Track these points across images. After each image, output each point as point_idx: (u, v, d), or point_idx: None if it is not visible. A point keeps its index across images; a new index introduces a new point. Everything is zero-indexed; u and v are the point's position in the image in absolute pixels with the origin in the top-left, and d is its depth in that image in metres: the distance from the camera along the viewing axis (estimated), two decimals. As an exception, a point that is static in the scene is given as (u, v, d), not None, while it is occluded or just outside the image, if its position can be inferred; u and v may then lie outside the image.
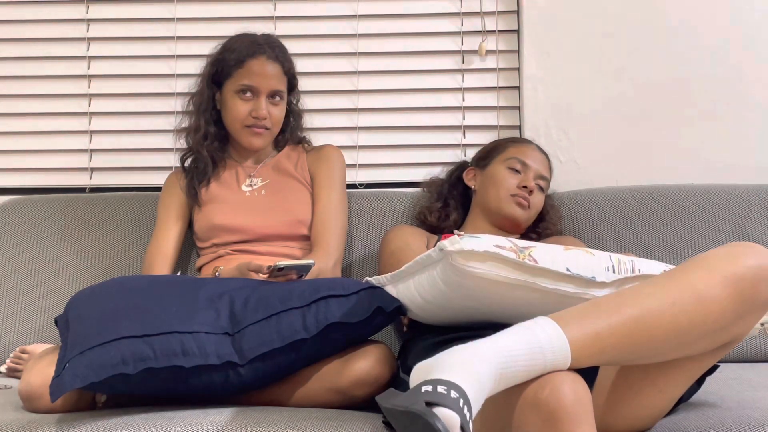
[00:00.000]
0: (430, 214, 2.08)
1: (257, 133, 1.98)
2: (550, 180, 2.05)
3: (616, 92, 2.37)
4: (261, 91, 1.96)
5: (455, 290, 1.41)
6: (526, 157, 2.00)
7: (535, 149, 2.04)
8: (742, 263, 1.20)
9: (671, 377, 1.30)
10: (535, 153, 2.03)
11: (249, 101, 1.97)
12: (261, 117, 1.96)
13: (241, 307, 1.50)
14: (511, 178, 1.97)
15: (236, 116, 1.97)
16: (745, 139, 2.36)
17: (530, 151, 2.02)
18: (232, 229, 1.97)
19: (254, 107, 1.96)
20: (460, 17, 2.42)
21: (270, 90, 1.98)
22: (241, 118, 1.97)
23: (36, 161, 2.44)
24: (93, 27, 2.44)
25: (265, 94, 1.97)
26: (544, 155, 2.05)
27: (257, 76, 1.96)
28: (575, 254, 1.41)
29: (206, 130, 2.02)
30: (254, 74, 1.96)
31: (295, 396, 1.56)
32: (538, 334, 1.12)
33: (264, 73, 1.96)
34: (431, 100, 2.43)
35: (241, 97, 1.97)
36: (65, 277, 2.14)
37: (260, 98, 1.97)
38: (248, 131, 1.98)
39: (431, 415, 0.99)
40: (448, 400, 1.01)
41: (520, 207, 1.95)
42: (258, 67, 1.96)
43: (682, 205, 2.14)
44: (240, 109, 1.97)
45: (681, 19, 2.36)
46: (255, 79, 1.96)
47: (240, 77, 1.96)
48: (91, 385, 1.37)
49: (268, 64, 1.97)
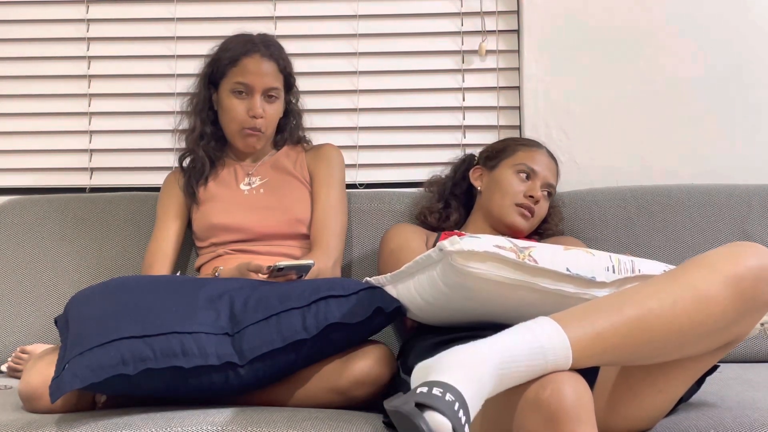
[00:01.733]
0: (430, 214, 2.08)
1: (251, 135, 1.99)
2: (556, 186, 2.04)
3: (616, 92, 2.37)
4: (255, 89, 1.96)
5: (455, 291, 1.41)
6: (535, 163, 1.97)
7: (544, 154, 2.01)
8: (743, 263, 1.20)
9: (672, 377, 1.30)
10: (544, 159, 2.00)
11: (244, 100, 1.97)
12: (257, 115, 1.96)
13: (241, 308, 1.50)
14: (518, 184, 1.95)
15: (233, 117, 1.98)
16: (745, 139, 2.36)
17: (540, 157, 1.99)
18: (230, 229, 1.97)
19: (249, 106, 1.96)
20: (460, 17, 2.42)
21: (265, 88, 1.97)
22: (238, 120, 1.97)
23: (36, 161, 2.44)
24: (93, 27, 2.44)
25: (260, 92, 1.97)
26: (553, 161, 2.03)
27: (251, 74, 1.96)
28: (575, 254, 1.41)
29: (202, 131, 2.03)
30: (248, 72, 1.96)
31: (295, 396, 1.56)
32: (539, 334, 1.12)
33: (258, 71, 1.96)
34: (431, 100, 2.43)
35: (236, 96, 1.97)
36: (65, 277, 2.14)
37: (255, 96, 1.97)
38: (242, 134, 1.99)
39: (418, 416, 0.99)
40: (442, 402, 1.01)
41: (523, 218, 1.94)
42: (252, 65, 1.96)
43: (682, 205, 2.14)
44: (236, 109, 1.97)
45: (681, 20, 2.36)
46: (249, 77, 1.96)
47: (234, 75, 1.97)
48: (90, 385, 1.37)
49: (263, 61, 1.97)
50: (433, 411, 1.00)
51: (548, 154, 2.03)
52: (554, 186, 2.02)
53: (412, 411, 1.00)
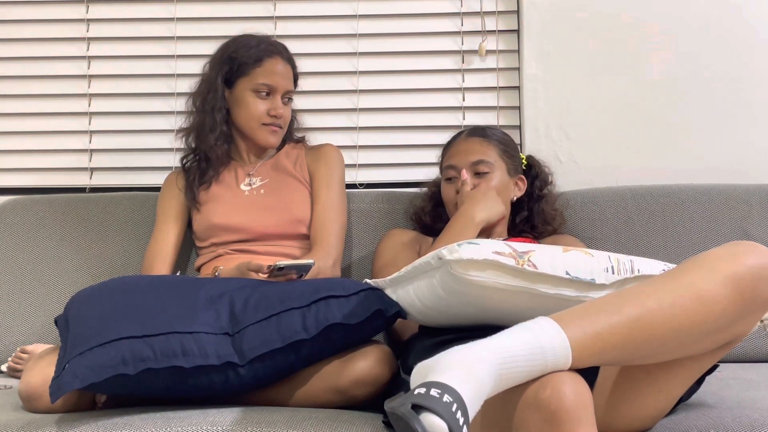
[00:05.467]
0: (424, 215, 2.08)
1: (274, 131, 2.01)
2: (491, 162, 1.95)
3: (616, 92, 2.37)
4: (278, 90, 2.00)
5: (455, 297, 1.41)
6: (453, 161, 1.96)
7: (462, 142, 1.98)
8: (743, 262, 1.20)
9: (671, 377, 1.30)
10: (462, 146, 1.97)
11: (266, 100, 1.99)
12: (279, 116, 1.99)
13: (241, 308, 1.50)
14: (449, 189, 1.95)
15: (253, 114, 1.99)
16: (745, 139, 2.36)
17: (461, 146, 1.97)
18: (231, 229, 1.97)
19: (272, 106, 1.99)
20: (460, 17, 2.42)
21: (285, 90, 2.01)
22: (258, 116, 1.99)
23: (36, 161, 2.45)
24: (93, 27, 2.44)
25: (281, 94, 2.00)
26: (478, 139, 1.98)
27: (276, 76, 1.99)
28: (574, 256, 1.41)
29: (221, 130, 2.01)
30: (273, 73, 1.99)
31: (295, 396, 1.56)
32: (538, 334, 1.12)
33: (282, 72, 2.00)
34: (431, 100, 2.43)
35: (258, 95, 1.99)
36: (65, 277, 2.14)
37: (276, 97, 2.00)
38: (266, 129, 2.00)
39: (414, 418, 0.99)
40: (439, 404, 1.00)
41: None
42: (276, 67, 2.00)
43: (682, 205, 2.14)
44: (259, 108, 1.99)
45: (681, 20, 2.36)
46: (274, 79, 1.99)
47: (258, 76, 1.98)
48: (91, 385, 1.37)
49: (284, 65, 2.02)
50: (429, 413, 1.00)
51: (469, 139, 1.98)
52: (486, 162, 1.94)
53: (408, 413, 1.00)
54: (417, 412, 1.00)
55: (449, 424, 0.99)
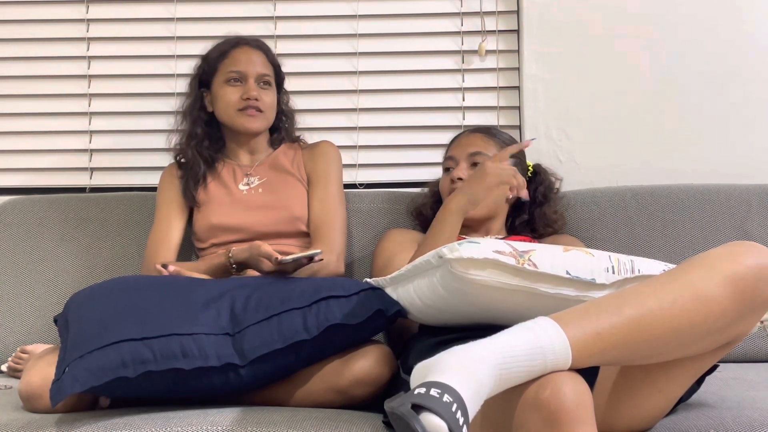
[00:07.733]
0: (425, 209, 2.08)
1: (251, 116, 2.01)
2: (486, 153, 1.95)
3: (616, 92, 2.37)
4: (249, 75, 2.01)
5: (456, 296, 1.41)
6: (452, 152, 1.99)
7: (465, 137, 2.01)
8: (743, 262, 1.20)
9: (672, 377, 1.30)
10: (463, 140, 2.00)
11: (238, 87, 2.01)
12: (251, 97, 1.99)
13: (242, 307, 1.50)
14: (446, 180, 1.98)
15: (228, 102, 2.00)
16: (745, 139, 2.36)
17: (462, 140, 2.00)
18: (230, 229, 1.97)
19: (244, 90, 2.00)
20: (460, 17, 2.42)
21: (257, 74, 2.01)
22: (233, 103, 2.00)
23: (36, 161, 2.44)
24: (93, 27, 2.44)
25: (253, 78, 2.01)
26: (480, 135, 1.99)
27: (243, 62, 2.01)
28: (575, 256, 1.41)
29: (192, 131, 2.05)
30: (239, 61, 2.01)
31: (296, 396, 1.56)
32: (538, 334, 1.12)
33: (249, 59, 2.02)
34: (431, 100, 2.43)
35: (230, 84, 2.01)
36: (65, 276, 2.14)
37: (249, 81, 2.00)
38: (243, 114, 2.01)
39: (413, 418, 0.99)
40: (438, 404, 1.00)
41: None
42: (242, 55, 2.02)
43: (682, 205, 2.14)
44: (231, 97, 2.00)
45: (681, 20, 2.36)
46: (241, 65, 2.00)
47: (226, 67, 2.01)
48: (91, 388, 1.37)
49: (252, 51, 2.04)
50: (429, 412, 1.00)
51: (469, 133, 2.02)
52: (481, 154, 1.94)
53: (407, 412, 1.00)
54: (417, 411, 1.00)
55: (449, 424, 0.99)
